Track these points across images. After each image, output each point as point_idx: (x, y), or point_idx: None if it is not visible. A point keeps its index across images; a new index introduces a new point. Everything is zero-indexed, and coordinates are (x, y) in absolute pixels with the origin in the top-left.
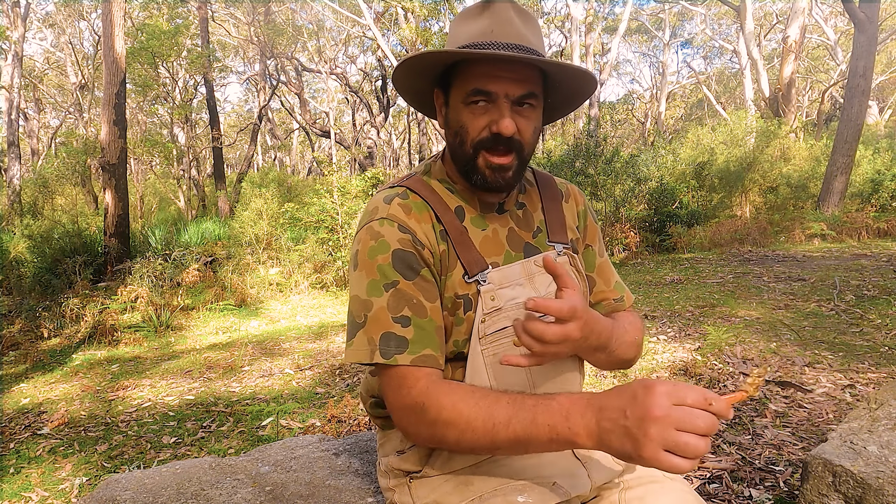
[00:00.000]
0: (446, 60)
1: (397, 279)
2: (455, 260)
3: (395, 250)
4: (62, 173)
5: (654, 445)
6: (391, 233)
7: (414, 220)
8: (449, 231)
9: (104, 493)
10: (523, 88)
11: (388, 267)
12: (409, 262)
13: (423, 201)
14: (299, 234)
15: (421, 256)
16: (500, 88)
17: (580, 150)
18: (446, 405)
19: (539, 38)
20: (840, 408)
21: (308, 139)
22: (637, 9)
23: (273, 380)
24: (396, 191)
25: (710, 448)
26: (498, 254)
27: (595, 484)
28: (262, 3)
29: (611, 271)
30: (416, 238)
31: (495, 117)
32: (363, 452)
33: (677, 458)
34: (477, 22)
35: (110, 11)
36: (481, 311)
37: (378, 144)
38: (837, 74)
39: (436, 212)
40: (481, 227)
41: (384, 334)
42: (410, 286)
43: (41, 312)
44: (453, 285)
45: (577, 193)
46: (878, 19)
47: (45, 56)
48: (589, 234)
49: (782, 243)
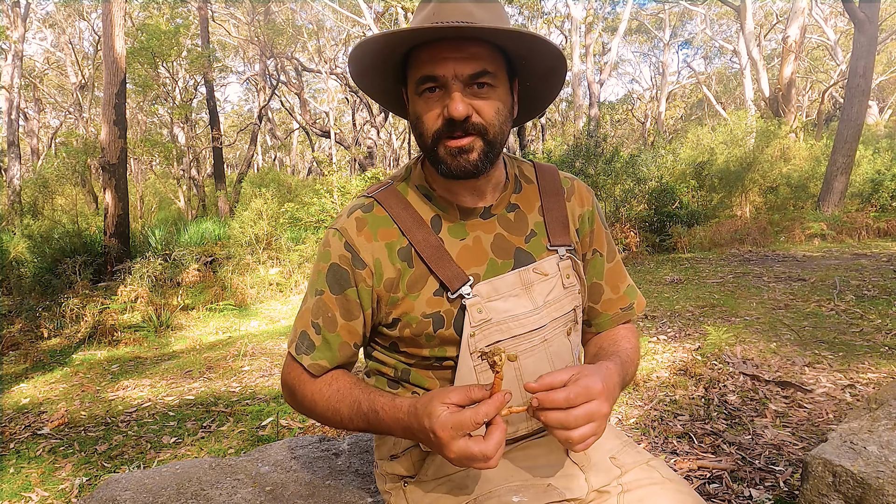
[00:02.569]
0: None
1: (324, 290)
2: (426, 278)
3: (332, 263)
4: (62, 173)
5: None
6: (336, 246)
7: (364, 237)
8: (420, 249)
9: (104, 493)
10: (473, 66)
11: (322, 276)
12: (339, 278)
13: (389, 216)
14: (299, 234)
15: (353, 276)
16: (447, 70)
17: (580, 150)
18: (307, 393)
19: (492, 12)
20: (840, 408)
21: (308, 139)
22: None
23: (273, 380)
24: (363, 202)
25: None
26: (479, 264)
27: (592, 487)
28: (262, 3)
29: (620, 276)
30: (357, 258)
31: (446, 104)
32: (363, 452)
33: (474, 446)
34: (423, 11)
35: (110, 11)
36: (469, 325)
37: (378, 144)
38: (837, 74)
39: (402, 229)
40: (460, 237)
41: (302, 332)
42: (332, 300)
43: (41, 312)
44: (420, 304)
45: (584, 192)
46: (878, 19)
47: (45, 56)
48: (597, 238)
49: (782, 243)
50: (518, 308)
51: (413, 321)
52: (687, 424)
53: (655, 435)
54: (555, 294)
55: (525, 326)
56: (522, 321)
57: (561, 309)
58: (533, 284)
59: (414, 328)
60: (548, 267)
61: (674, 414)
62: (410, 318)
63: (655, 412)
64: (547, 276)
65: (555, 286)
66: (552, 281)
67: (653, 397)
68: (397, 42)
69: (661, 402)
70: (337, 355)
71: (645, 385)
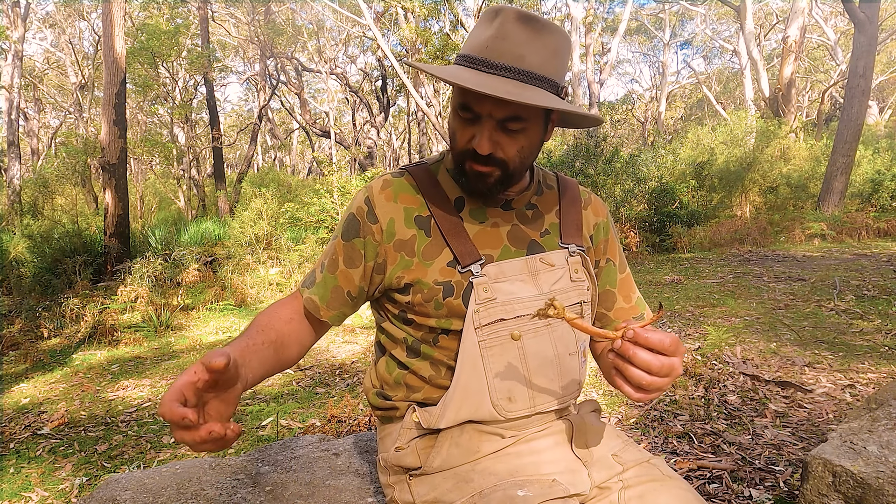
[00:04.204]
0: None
1: (338, 234)
2: (441, 248)
3: (350, 213)
4: (62, 173)
5: None
6: (359, 199)
7: (384, 196)
8: (439, 221)
9: (104, 493)
10: (507, 111)
11: (341, 223)
12: (351, 227)
13: (415, 186)
14: (299, 233)
15: (363, 228)
16: (483, 109)
17: (580, 150)
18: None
19: (543, 55)
20: (840, 408)
21: (308, 139)
22: (637, 9)
23: (273, 380)
24: (396, 171)
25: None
26: (494, 247)
27: (595, 483)
28: (262, 3)
29: (631, 287)
30: (372, 211)
31: (476, 134)
32: (363, 452)
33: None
34: (485, 30)
35: (110, 11)
36: (474, 302)
37: (378, 144)
38: (837, 74)
39: (427, 200)
40: (479, 220)
41: (312, 269)
42: (340, 245)
43: (41, 312)
44: (433, 272)
45: (600, 205)
46: (878, 19)
47: (45, 56)
48: (610, 248)
49: (782, 243)
50: (523, 292)
51: (425, 287)
52: (687, 424)
53: (655, 435)
54: (561, 284)
55: (529, 309)
56: (526, 304)
57: (567, 300)
58: (539, 273)
59: (425, 294)
60: (555, 259)
61: (674, 414)
62: (423, 283)
63: (655, 412)
64: (553, 267)
65: (562, 277)
66: (559, 272)
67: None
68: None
69: (661, 402)
70: (328, 296)
71: None
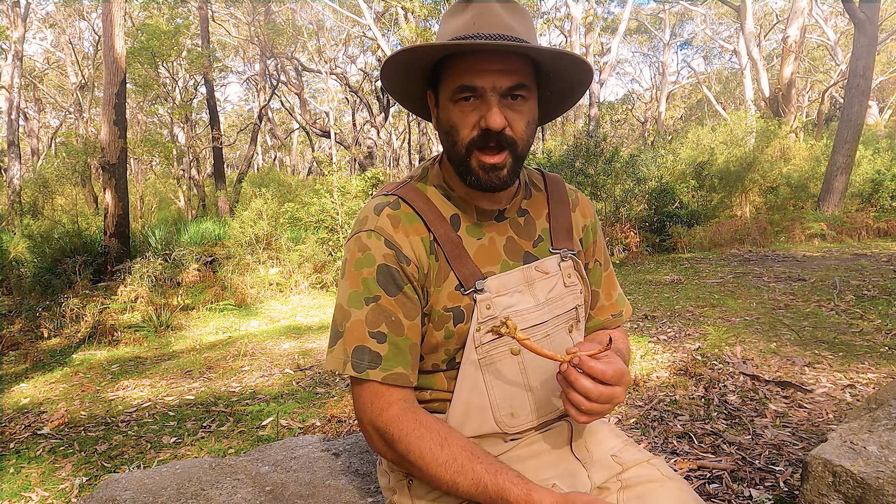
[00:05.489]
0: (430, 57)
1: (379, 294)
2: (447, 273)
3: (380, 265)
4: (62, 173)
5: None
6: (377, 247)
7: (402, 233)
8: (442, 243)
9: (104, 493)
10: (512, 80)
11: (373, 281)
12: (393, 277)
13: (415, 212)
14: (299, 234)
15: (405, 273)
16: (486, 82)
17: (580, 150)
18: (414, 450)
19: (527, 26)
20: (840, 408)
21: (308, 139)
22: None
23: (273, 380)
24: (388, 200)
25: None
26: (494, 263)
27: (595, 483)
28: (262, 3)
29: (613, 284)
30: (401, 253)
31: (483, 112)
32: (363, 452)
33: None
34: (460, 17)
35: (110, 11)
36: (476, 321)
37: (378, 144)
38: (837, 74)
39: (427, 224)
40: (477, 237)
41: (357, 347)
42: (392, 302)
43: (41, 312)
44: (443, 298)
45: (587, 206)
46: (878, 19)
47: (45, 56)
48: (598, 249)
49: (782, 243)
50: (521, 304)
51: (436, 315)
52: (687, 424)
53: (655, 435)
54: (556, 292)
55: (528, 321)
56: (525, 316)
57: (563, 306)
58: (535, 281)
59: (436, 322)
60: (549, 266)
61: (674, 414)
62: (435, 312)
63: (655, 412)
64: (548, 275)
65: (556, 284)
66: (553, 279)
67: (653, 397)
68: (441, 51)
69: (661, 402)
70: (410, 360)
71: (645, 385)
